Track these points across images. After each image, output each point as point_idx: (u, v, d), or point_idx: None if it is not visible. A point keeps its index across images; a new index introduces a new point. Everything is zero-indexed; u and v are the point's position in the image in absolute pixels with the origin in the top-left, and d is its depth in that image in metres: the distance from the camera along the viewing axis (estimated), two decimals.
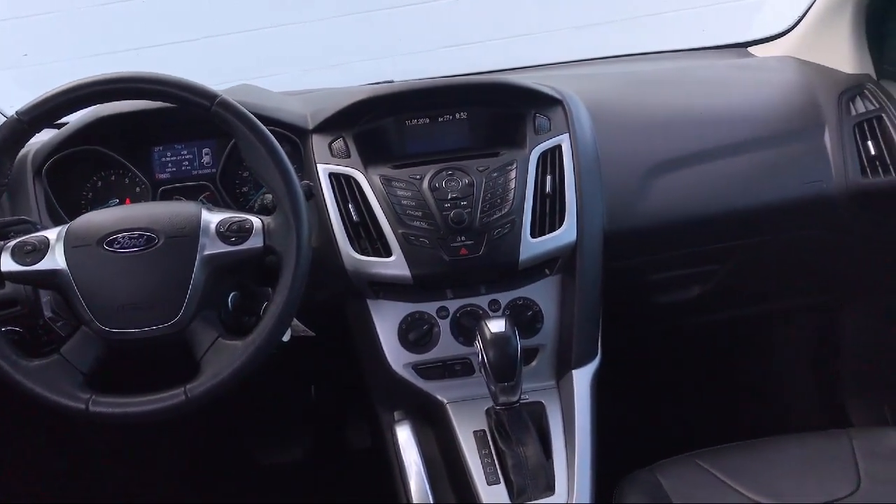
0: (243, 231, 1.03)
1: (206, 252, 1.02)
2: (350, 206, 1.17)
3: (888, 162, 1.34)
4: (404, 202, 1.17)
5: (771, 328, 1.79)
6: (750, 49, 1.73)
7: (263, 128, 1.03)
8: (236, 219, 1.04)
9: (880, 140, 1.36)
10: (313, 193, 1.15)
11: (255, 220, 1.05)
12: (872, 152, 1.35)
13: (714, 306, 1.52)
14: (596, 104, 1.35)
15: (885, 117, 1.37)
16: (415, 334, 1.19)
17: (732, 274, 1.42)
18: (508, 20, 3.27)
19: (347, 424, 1.82)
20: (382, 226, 1.16)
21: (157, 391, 0.98)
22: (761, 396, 1.82)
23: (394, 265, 1.15)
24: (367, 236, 1.17)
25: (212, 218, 1.04)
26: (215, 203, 1.29)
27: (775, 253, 1.42)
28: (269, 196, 1.23)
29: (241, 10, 3.15)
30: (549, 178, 1.21)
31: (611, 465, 1.19)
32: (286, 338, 1.09)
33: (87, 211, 1.11)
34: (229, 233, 1.03)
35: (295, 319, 1.21)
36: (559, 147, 1.23)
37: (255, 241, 1.03)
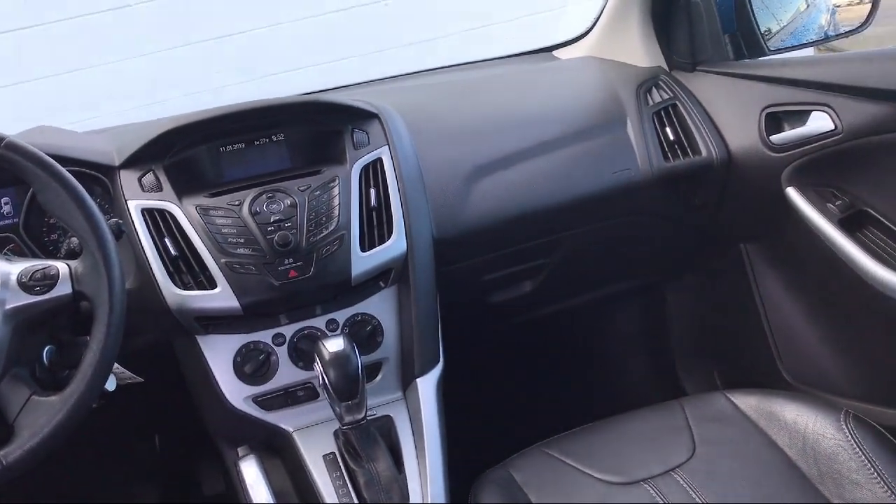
0: (48, 279, 0.96)
1: (9, 306, 0.94)
2: (167, 240, 1.12)
3: (685, 145, 1.44)
4: (225, 230, 1.13)
5: (605, 313, 1.87)
6: (555, 52, 1.82)
7: (59, 167, 0.96)
8: (39, 267, 0.97)
9: (677, 126, 1.46)
10: (123, 231, 1.09)
11: (62, 266, 0.98)
12: (671, 137, 1.45)
13: (548, 299, 1.58)
14: (413, 115, 1.37)
15: (678, 104, 1.48)
16: (251, 366, 1.15)
17: (560, 266, 1.48)
18: (332, 44, 3.28)
19: (199, 470, 1.74)
20: (203, 257, 1.11)
21: None
22: (603, 378, 1.90)
23: (220, 297, 1.11)
24: (188, 270, 1.12)
25: (11, 269, 0.96)
26: (22, 255, 1.19)
27: (596, 241, 1.49)
28: (76, 239, 1.16)
29: (50, 53, 2.98)
30: (373, 191, 1.21)
31: (467, 468, 1.20)
32: (111, 387, 1.03)
33: None
34: (32, 282, 0.96)
35: (119, 366, 1.15)
36: (380, 160, 1.23)
37: (62, 289, 0.96)
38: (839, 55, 1.37)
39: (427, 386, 1.20)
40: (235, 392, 1.16)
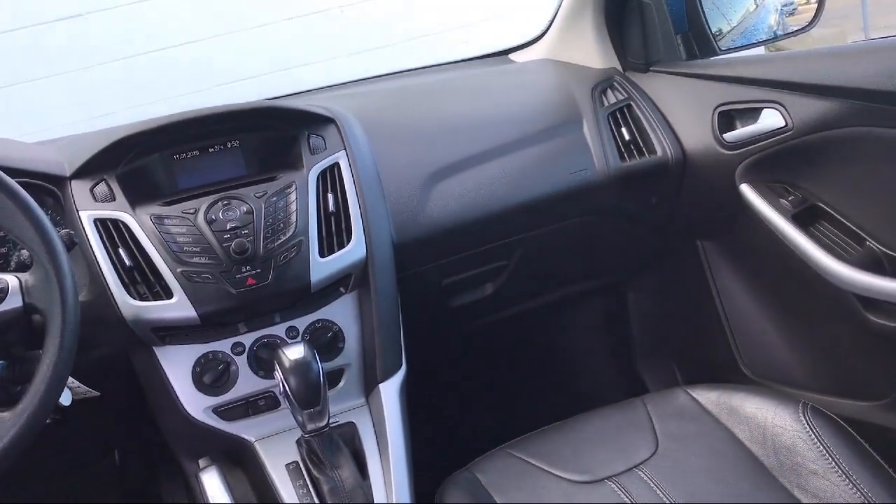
0: None
1: None
2: (121, 250, 1.10)
3: (641, 144, 1.46)
4: (180, 239, 1.11)
5: (566, 313, 1.88)
6: (511, 56, 1.83)
7: (7, 178, 0.94)
8: None
9: (632, 126, 1.48)
10: (76, 242, 1.07)
11: (11, 279, 0.95)
12: (627, 137, 1.46)
13: (509, 300, 1.58)
14: (370, 119, 1.37)
15: (633, 105, 1.49)
16: (210, 376, 1.14)
17: (520, 267, 1.48)
18: (283, 53, 3.26)
19: (160, 483, 1.71)
20: (159, 267, 1.10)
21: None
22: (566, 378, 1.91)
23: (177, 307, 1.09)
24: (143, 280, 1.10)
25: None
26: None
27: (555, 242, 1.50)
28: (27, 252, 1.13)
29: None
30: (330, 196, 1.20)
31: (433, 471, 1.20)
32: (66, 402, 1.00)
33: None
34: None
35: (75, 381, 1.13)
36: (337, 165, 1.23)
37: (12, 302, 0.94)
38: (788, 53, 1.40)
39: (390, 391, 1.19)
40: (195, 403, 1.14)
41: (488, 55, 1.86)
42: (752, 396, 1.21)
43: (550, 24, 1.71)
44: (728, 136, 1.37)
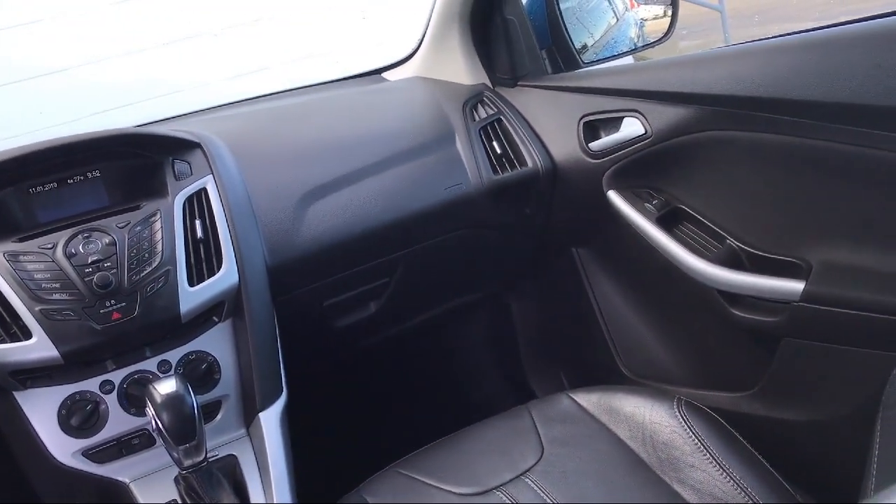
0: None
1: None
2: None
3: (512, 157, 1.49)
4: (37, 276, 1.06)
5: (452, 327, 1.89)
6: (384, 74, 1.84)
7: None
8: None
9: (503, 139, 1.51)
10: None
11: None
12: (498, 151, 1.49)
13: (394, 318, 1.58)
14: (241, 142, 1.34)
15: (503, 119, 1.53)
16: (78, 418, 1.08)
17: (403, 284, 1.48)
18: (160, 78, 3.18)
19: None
20: (15, 306, 1.04)
21: None
22: (457, 392, 1.91)
23: (36, 347, 1.03)
24: None
25: None
26: None
27: (435, 256, 1.51)
28: None
29: None
30: (198, 222, 1.16)
31: (324, 497, 1.17)
32: None
33: None
34: None
35: None
36: (204, 190, 1.19)
37: None
38: (645, 63, 1.46)
39: (270, 420, 1.16)
40: (62, 447, 1.08)
41: (361, 74, 1.87)
42: (631, 396, 1.24)
43: (420, 43, 1.73)
44: (593, 145, 1.41)
